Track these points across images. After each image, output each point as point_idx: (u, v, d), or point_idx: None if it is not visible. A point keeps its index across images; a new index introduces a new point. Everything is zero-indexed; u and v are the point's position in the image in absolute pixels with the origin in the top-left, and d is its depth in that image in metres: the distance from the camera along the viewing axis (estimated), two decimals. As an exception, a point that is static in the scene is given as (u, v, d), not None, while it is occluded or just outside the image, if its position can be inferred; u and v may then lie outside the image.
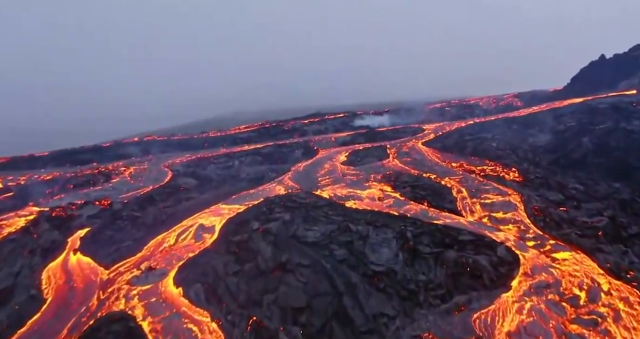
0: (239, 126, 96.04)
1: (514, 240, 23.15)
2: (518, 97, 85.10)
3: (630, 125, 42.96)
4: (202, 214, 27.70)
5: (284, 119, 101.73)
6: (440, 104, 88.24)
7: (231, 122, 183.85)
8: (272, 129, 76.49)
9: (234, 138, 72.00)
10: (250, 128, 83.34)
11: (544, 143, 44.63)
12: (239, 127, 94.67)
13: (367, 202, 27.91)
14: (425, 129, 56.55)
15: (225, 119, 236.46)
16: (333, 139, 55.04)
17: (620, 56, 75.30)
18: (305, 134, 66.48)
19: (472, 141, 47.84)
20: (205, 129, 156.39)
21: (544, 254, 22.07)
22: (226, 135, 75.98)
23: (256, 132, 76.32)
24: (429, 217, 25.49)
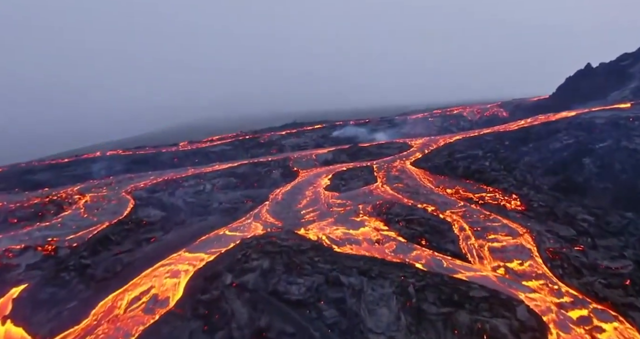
0: (211, 136, 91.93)
1: (535, 297, 19.96)
2: (502, 106, 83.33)
3: (632, 144, 40.70)
4: (165, 263, 23.70)
5: (259, 129, 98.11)
6: (423, 114, 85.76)
7: (204, 130, 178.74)
8: (247, 142, 72.68)
9: (206, 152, 67.90)
10: (224, 140, 79.36)
11: (541, 163, 41.98)
12: (212, 138, 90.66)
13: (364, 246, 24.38)
14: (412, 145, 53.57)
15: (198, 126, 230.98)
16: (313, 156, 51.46)
17: (607, 65, 74.20)
18: (283, 149, 62.79)
19: (463, 160, 45.03)
20: (177, 139, 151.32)
21: (571, 314, 18.96)
22: (197, 149, 71.75)
23: (230, 145, 72.41)
24: (430, 265, 22.18)
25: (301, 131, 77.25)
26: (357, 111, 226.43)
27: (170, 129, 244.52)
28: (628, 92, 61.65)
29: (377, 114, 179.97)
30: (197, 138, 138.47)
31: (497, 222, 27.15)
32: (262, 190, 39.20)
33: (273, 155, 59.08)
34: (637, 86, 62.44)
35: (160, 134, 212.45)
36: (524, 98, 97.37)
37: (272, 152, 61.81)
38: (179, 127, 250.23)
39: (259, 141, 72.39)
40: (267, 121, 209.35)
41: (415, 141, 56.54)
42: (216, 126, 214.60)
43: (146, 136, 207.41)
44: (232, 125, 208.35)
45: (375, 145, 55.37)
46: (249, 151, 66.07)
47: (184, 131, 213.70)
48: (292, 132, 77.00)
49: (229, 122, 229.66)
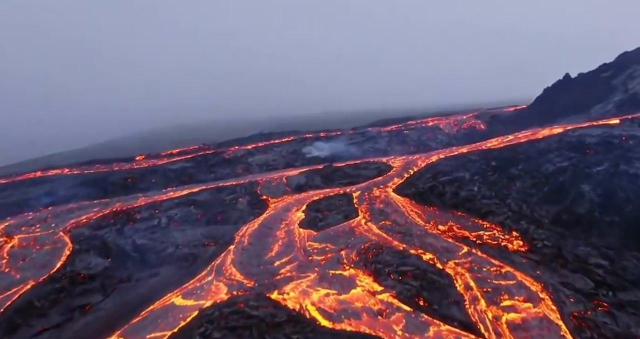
0: (172, 149, 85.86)
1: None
2: (479, 118, 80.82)
3: (632, 168, 38.03)
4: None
5: (224, 141, 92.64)
6: (397, 126, 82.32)
7: (166, 139, 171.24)
8: (211, 158, 67.26)
9: (164, 171, 62.09)
10: (185, 155, 73.64)
11: (535, 189, 38.77)
12: (172, 151, 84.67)
13: (364, 319, 19.87)
14: (391, 165, 49.62)
15: (161, 134, 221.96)
16: (284, 179, 46.74)
17: (586, 76, 72.68)
18: (250, 169, 57.80)
19: (449, 184, 41.36)
20: (138, 148, 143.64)
21: None
22: (155, 166, 65.84)
23: (191, 162, 66.84)
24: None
25: (269, 146, 72.36)
26: (328, 116, 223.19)
27: (134, 136, 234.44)
28: (612, 106, 59.77)
29: (349, 120, 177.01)
30: (159, 147, 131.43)
31: (510, 279, 23.19)
32: (227, 227, 34.26)
33: (239, 176, 54.08)
34: (621, 99, 60.68)
35: (120, 142, 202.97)
36: (500, 107, 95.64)
37: (238, 172, 56.75)
38: (142, 134, 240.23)
39: (224, 157, 67.14)
40: (235, 127, 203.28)
41: (394, 159, 52.65)
42: (182, 132, 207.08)
43: (108, 143, 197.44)
44: (198, 132, 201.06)
45: (352, 165, 51.12)
46: (212, 169, 60.78)
47: (147, 138, 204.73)
48: (260, 147, 72.00)
49: (195, 129, 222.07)
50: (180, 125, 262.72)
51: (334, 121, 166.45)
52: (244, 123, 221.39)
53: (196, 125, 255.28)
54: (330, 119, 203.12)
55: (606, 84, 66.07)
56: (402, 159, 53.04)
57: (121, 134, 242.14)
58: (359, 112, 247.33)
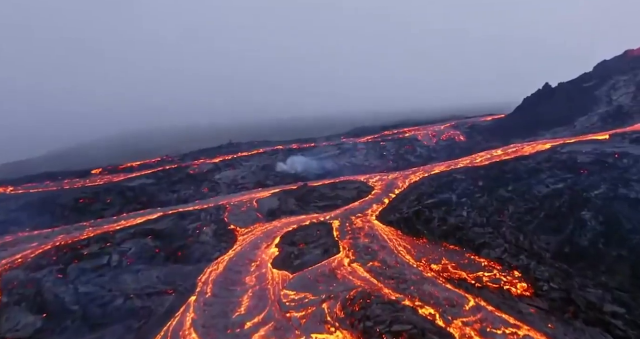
0: (134, 160, 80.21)
1: None
2: (457, 128, 78.43)
3: (631, 192, 35.55)
4: None
5: (190, 153, 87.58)
6: (373, 136, 79.20)
7: (129, 147, 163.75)
8: (174, 174, 62.52)
9: (121, 189, 57.11)
10: (146, 170, 68.53)
11: (530, 216, 35.82)
12: (133, 164, 79.15)
13: None
14: (371, 185, 46.20)
15: (125, 140, 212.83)
16: (254, 203, 42.63)
17: (567, 86, 71.22)
18: (217, 188, 53.35)
19: (436, 209, 38.24)
20: (94, 159, 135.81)
21: None
22: (112, 183, 60.67)
23: (153, 178, 61.98)
24: None
25: (238, 159, 67.97)
26: (299, 123, 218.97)
27: (96, 142, 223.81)
28: (596, 118, 58.04)
29: (323, 126, 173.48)
30: (120, 155, 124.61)
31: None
32: (188, 267, 29.92)
33: (204, 197, 49.66)
34: (606, 111, 59.09)
35: (81, 149, 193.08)
36: (476, 116, 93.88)
37: (203, 192, 52.21)
38: (105, 141, 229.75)
39: (188, 172, 62.44)
40: (203, 134, 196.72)
41: (373, 177, 49.30)
42: (146, 139, 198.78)
43: (66, 152, 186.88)
44: (163, 139, 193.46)
45: (329, 184, 47.40)
46: (175, 187, 56.01)
47: (109, 145, 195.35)
48: (228, 160, 67.54)
49: (160, 136, 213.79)
50: (145, 131, 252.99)
51: (306, 128, 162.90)
52: (212, 129, 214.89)
53: (162, 131, 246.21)
54: (302, 125, 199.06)
55: (589, 95, 64.57)
56: (382, 176, 49.73)
57: (84, 140, 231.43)
58: (332, 117, 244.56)
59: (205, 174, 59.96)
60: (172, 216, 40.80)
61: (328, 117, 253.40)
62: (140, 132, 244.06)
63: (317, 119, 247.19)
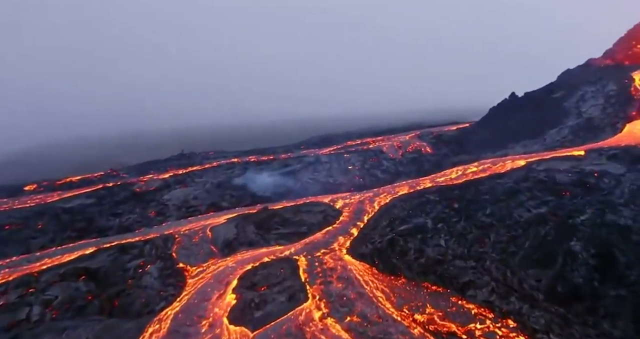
0: (74, 176, 73.36)
1: None
2: (422, 138, 75.98)
3: (620, 218, 33.28)
4: None
5: (137, 165, 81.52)
6: (336, 147, 75.71)
7: (72, 158, 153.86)
8: (117, 192, 56.90)
9: (56, 211, 51.43)
10: (87, 187, 62.45)
11: (514, 245, 32.96)
12: (73, 179, 72.53)
13: None
14: (339, 208, 42.46)
15: (71, 147, 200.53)
16: (208, 232, 38.03)
17: (533, 95, 70.03)
18: (165, 211, 48.11)
19: (411, 237, 35.18)
20: (34, 170, 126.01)
21: None
22: (45, 204, 54.54)
23: (93, 197, 56.26)
24: None
25: (191, 174, 62.82)
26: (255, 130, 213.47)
27: (39, 148, 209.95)
28: (567, 131, 56.59)
29: (279, 133, 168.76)
30: (61, 168, 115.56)
31: None
32: (125, 325, 25.04)
33: (150, 223, 44.57)
34: (576, 124, 57.79)
35: (19, 157, 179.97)
36: (441, 124, 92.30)
37: (149, 216, 46.98)
38: (51, 146, 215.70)
39: (134, 191, 56.92)
40: (151, 141, 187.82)
41: (340, 198, 45.60)
42: (91, 146, 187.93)
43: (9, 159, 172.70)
44: (111, 146, 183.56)
45: (291, 207, 43.27)
46: (118, 209, 50.51)
47: (54, 153, 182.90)
48: (179, 176, 62.27)
49: (108, 142, 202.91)
50: (92, 137, 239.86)
51: (264, 134, 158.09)
52: (163, 135, 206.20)
53: (109, 137, 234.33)
54: (259, 131, 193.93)
55: (557, 106, 63.35)
56: (349, 197, 46.11)
57: (28, 145, 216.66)
58: (291, 122, 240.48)
59: (153, 193, 54.59)
60: (111, 249, 35.60)
61: (286, 122, 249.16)
62: (86, 139, 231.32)
63: (275, 124, 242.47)
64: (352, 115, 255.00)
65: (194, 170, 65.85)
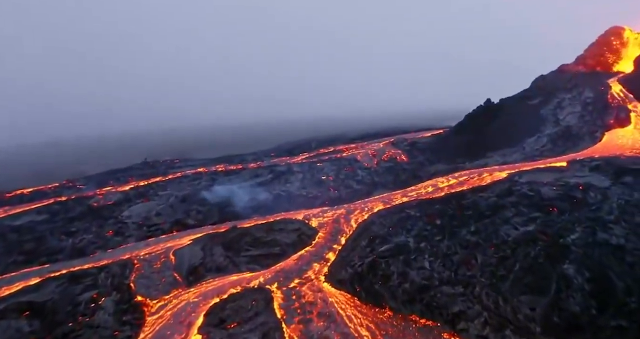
0: (25, 187, 68.44)
1: None
2: (396, 146, 74.13)
3: (612, 236, 31.75)
4: None
5: (94, 175, 76.89)
6: (308, 155, 73.08)
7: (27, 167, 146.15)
8: (72, 207, 52.86)
9: (3, 230, 47.34)
10: (39, 201, 57.99)
11: (504, 268, 30.94)
12: (25, 190, 67.78)
13: None
14: (314, 226, 39.78)
15: (22, 156, 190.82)
16: (171, 256, 34.72)
17: (509, 102, 69.07)
18: (124, 230, 44.41)
19: (393, 259, 33.19)
20: None
21: None
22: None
23: (45, 213, 52.65)
24: None
25: (153, 186, 59.01)
26: (223, 135, 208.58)
27: None
28: (546, 140, 55.55)
29: (250, 136, 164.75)
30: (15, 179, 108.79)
31: None
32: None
33: (107, 244, 40.88)
34: (554, 132, 56.84)
35: None
36: (414, 130, 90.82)
37: (106, 236, 43.17)
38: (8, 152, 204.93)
39: (90, 205, 52.84)
40: (112, 147, 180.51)
41: (314, 215, 42.93)
42: (46, 153, 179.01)
43: None
44: (71, 154, 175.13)
45: (262, 225, 40.34)
46: (71, 227, 46.50)
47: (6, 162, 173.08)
48: (141, 188, 58.33)
49: (69, 150, 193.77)
50: (51, 144, 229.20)
51: (232, 139, 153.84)
52: (125, 141, 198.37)
53: (69, 143, 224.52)
54: (227, 136, 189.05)
55: (534, 114, 62.42)
56: (324, 212, 43.50)
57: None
58: (260, 125, 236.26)
59: (112, 209, 50.63)
60: (61, 279, 31.95)
61: (256, 125, 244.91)
62: (44, 146, 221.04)
63: (244, 127, 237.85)
64: (323, 118, 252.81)
65: (157, 181, 62.07)
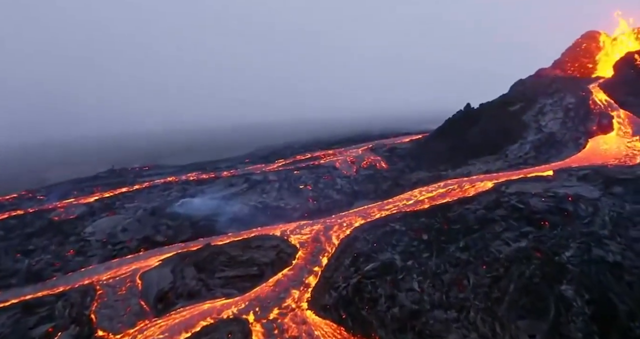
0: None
1: None
2: (375, 152, 72.43)
3: (608, 253, 30.42)
4: None
5: (56, 185, 72.87)
6: (285, 162, 70.61)
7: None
8: (31, 220, 49.50)
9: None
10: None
11: (498, 289, 29.26)
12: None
13: None
14: (293, 243, 37.38)
15: None
16: (137, 280, 31.80)
17: (489, 107, 68.02)
18: (87, 248, 41.03)
19: (380, 280, 31.84)
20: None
21: None
22: None
23: (0, 228, 48.30)
24: None
25: (120, 197, 55.61)
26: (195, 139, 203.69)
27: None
28: (529, 147, 54.42)
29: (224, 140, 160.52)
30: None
31: None
32: None
33: (67, 266, 37.62)
34: (537, 139, 55.77)
35: None
36: (392, 135, 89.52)
37: (66, 256, 39.81)
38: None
39: (50, 219, 49.28)
40: (83, 151, 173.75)
41: (293, 229, 40.56)
42: (10, 159, 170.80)
43: None
44: (31, 160, 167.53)
45: (238, 242, 37.73)
46: (28, 244, 43.01)
47: None
48: (106, 200, 54.82)
49: (28, 156, 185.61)
50: (10, 146, 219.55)
51: (204, 144, 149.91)
52: (87, 145, 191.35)
53: (34, 146, 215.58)
54: (199, 140, 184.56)
55: (516, 120, 61.39)
56: (304, 227, 41.17)
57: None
58: (231, 128, 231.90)
59: (74, 223, 47.14)
60: (13, 309, 28.77)
61: (229, 128, 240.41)
62: (4, 151, 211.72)
63: (217, 130, 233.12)
64: (300, 121, 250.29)
65: (124, 192, 58.60)
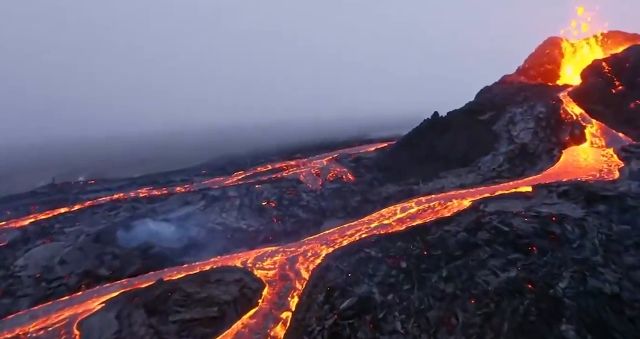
0: None
1: None
2: (340, 162, 69.37)
3: (604, 283, 28.40)
4: None
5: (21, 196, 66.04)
6: (244, 174, 66.42)
7: None
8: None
9: None
10: None
11: (491, 329, 26.49)
12: None
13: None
14: (258, 276, 33.52)
15: None
16: (76, 330, 27.08)
17: (457, 116, 66.03)
18: (16, 287, 35.46)
19: (359, 321, 29.10)
20: None
21: None
22: None
23: None
24: None
25: (60, 219, 49.91)
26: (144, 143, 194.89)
27: None
28: (502, 159, 52.61)
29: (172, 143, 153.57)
30: None
31: None
32: None
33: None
34: (510, 150, 54.08)
35: None
36: (356, 143, 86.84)
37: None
38: None
39: None
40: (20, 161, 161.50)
41: (258, 258, 36.74)
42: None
43: None
44: None
45: (195, 276, 33.47)
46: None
47: None
48: (42, 223, 49.05)
49: None
50: None
51: (154, 150, 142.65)
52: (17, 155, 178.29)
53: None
54: (148, 145, 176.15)
55: (486, 130, 59.70)
56: (270, 254, 37.41)
57: None
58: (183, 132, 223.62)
59: (3, 253, 41.55)
60: None
61: (181, 132, 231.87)
62: None
63: (168, 134, 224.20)
64: (257, 125, 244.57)
65: (65, 212, 52.83)
